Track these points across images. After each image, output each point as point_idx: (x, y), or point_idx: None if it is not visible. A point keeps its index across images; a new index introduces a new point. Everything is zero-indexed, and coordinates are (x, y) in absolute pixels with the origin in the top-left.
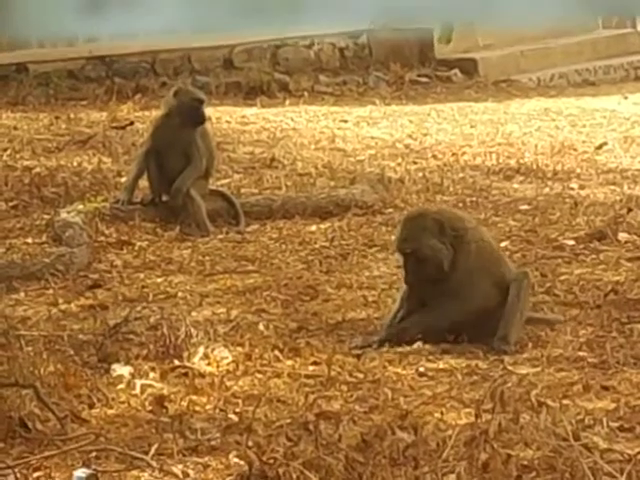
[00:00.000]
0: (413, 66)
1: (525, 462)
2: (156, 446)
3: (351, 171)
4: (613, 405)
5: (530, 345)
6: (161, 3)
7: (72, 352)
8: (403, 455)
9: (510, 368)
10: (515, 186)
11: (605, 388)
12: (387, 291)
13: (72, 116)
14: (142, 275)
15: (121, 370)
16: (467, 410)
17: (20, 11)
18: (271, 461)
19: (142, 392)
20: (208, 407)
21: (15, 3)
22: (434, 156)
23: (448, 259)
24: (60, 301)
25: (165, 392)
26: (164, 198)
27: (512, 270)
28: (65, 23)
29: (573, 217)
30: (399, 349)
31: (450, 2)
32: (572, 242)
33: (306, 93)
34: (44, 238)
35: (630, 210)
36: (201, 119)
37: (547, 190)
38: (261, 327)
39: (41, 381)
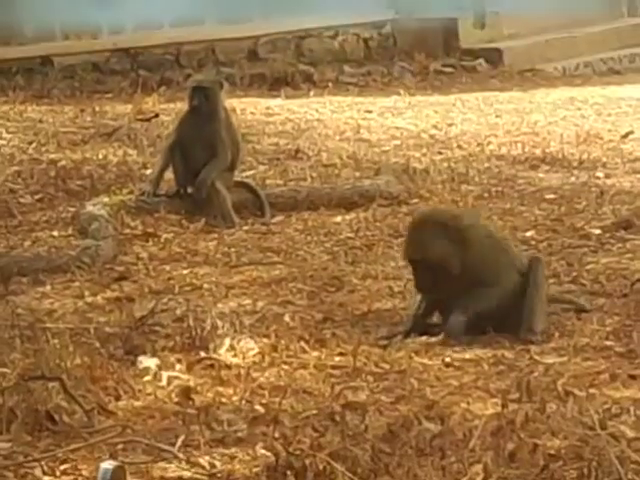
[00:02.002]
0: (438, 56)
1: (552, 451)
2: (183, 438)
3: (376, 162)
4: None
5: (556, 334)
6: None
7: (98, 345)
8: (430, 445)
9: (536, 358)
10: (541, 175)
11: (632, 377)
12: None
13: (97, 109)
14: (168, 267)
15: (147, 362)
16: (494, 400)
17: (36, 2)
18: (298, 452)
19: (168, 384)
20: (234, 399)
21: None
22: (459, 146)
23: (457, 261)
24: (86, 294)
25: (191, 384)
26: (189, 190)
27: (522, 258)
28: (82, 13)
29: (599, 206)
30: (425, 339)
31: None
32: (598, 231)
33: (330, 84)
34: (70, 231)
35: None
36: (190, 105)
37: (573, 179)
38: (287, 318)
39: (67, 374)
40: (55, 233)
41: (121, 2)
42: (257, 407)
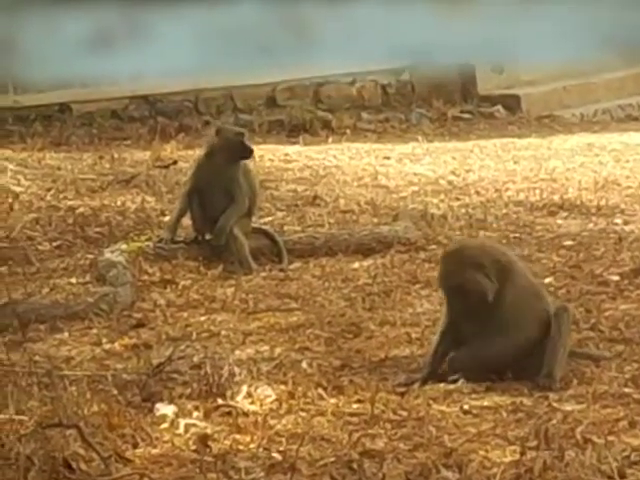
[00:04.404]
0: (456, 102)
1: None
2: None
3: (394, 208)
4: None
5: (575, 382)
6: (170, 43)
7: (116, 392)
8: None
9: (555, 405)
10: (559, 222)
11: None
12: (431, 328)
13: (116, 156)
14: (185, 314)
15: (165, 409)
16: (512, 448)
17: (28, 52)
18: None
19: (186, 431)
20: (252, 446)
21: (23, 44)
22: (477, 192)
23: (492, 292)
24: (104, 340)
25: (209, 431)
26: (207, 237)
27: (551, 305)
28: (74, 63)
29: (617, 252)
30: (443, 386)
31: (473, 41)
32: (617, 277)
33: (348, 130)
34: (88, 278)
35: None
36: (249, 151)
37: (591, 225)
38: (304, 365)
39: (85, 421)
40: (73, 280)
41: (110, 52)
42: (274, 455)
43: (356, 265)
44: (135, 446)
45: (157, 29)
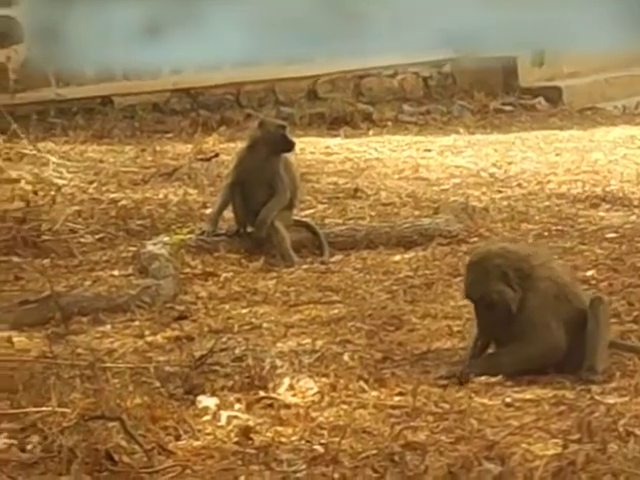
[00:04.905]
0: (497, 94)
1: None
2: (242, 478)
3: (435, 200)
4: None
5: (618, 374)
6: (220, 29)
7: (158, 384)
8: None
9: (597, 398)
10: (601, 214)
11: None
12: (472, 321)
13: (158, 148)
14: (227, 306)
15: (207, 402)
16: (554, 441)
17: (77, 41)
18: None
19: (228, 423)
20: (294, 438)
21: (71, 33)
22: (519, 185)
23: (516, 301)
24: (146, 333)
25: (251, 423)
26: (249, 229)
27: (586, 302)
28: (123, 52)
29: None
30: (484, 379)
31: (519, 29)
32: None
33: (390, 123)
34: (130, 270)
35: None
36: (291, 144)
37: (634, 218)
38: (346, 357)
39: (127, 413)
40: (115, 272)
41: (160, 39)
42: (316, 447)
43: (397, 258)
44: (177, 438)
45: (208, 17)
